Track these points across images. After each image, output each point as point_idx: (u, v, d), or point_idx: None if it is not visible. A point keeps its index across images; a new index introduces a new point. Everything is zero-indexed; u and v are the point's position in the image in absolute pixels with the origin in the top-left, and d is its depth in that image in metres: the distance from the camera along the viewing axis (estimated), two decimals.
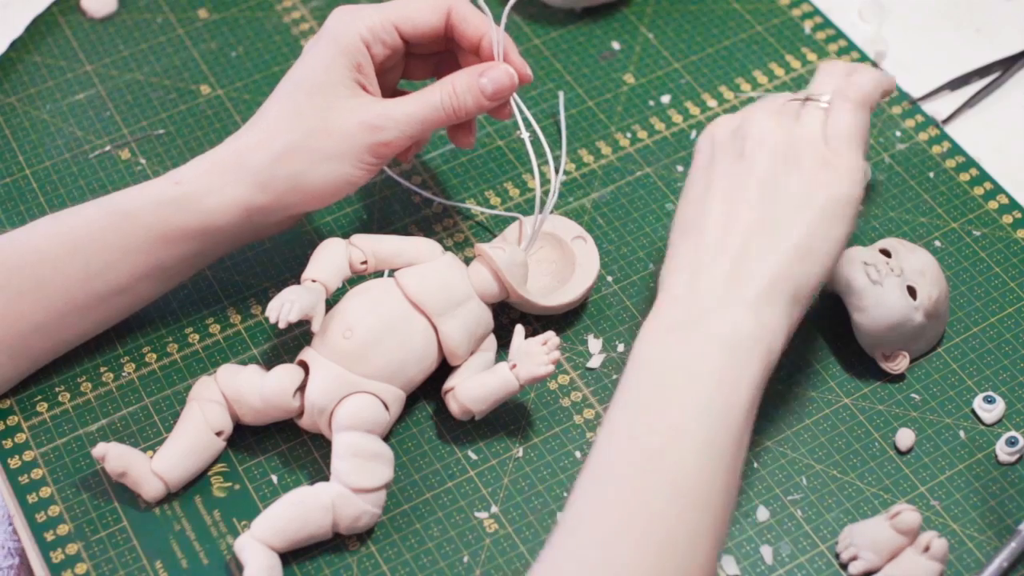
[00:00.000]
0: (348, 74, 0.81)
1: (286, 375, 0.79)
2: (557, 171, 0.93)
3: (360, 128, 0.80)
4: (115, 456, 0.78)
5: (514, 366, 0.79)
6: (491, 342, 0.83)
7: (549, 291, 0.85)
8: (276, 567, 0.75)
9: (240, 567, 0.76)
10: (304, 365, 0.80)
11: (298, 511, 0.76)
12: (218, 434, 0.80)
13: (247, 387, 0.79)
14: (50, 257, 0.80)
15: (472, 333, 0.81)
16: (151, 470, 0.79)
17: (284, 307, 0.77)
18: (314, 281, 0.80)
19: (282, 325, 0.77)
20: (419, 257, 0.82)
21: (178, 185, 0.81)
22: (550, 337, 0.79)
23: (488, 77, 0.82)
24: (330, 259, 0.81)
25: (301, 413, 0.79)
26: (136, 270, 0.81)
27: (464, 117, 0.82)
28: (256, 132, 0.82)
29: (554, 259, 0.87)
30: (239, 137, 0.82)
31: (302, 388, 0.79)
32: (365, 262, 0.82)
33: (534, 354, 0.79)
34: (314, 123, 0.80)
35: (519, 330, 0.81)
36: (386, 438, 0.80)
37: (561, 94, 0.97)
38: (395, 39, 0.83)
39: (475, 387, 0.79)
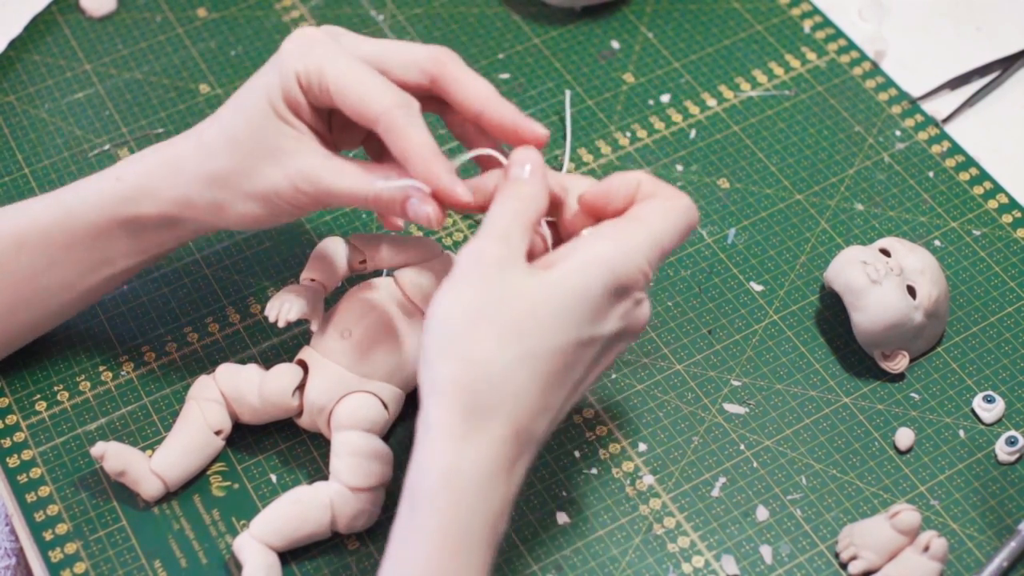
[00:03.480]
0: (283, 103, 0.74)
1: (285, 374, 0.79)
2: (560, 170, 0.92)
3: (284, 182, 0.74)
4: (114, 455, 0.78)
5: None
6: None
7: None
8: (275, 566, 0.75)
9: (239, 566, 0.76)
10: (303, 364, 0.80)
11: (297, 510, 0.76)
12: (217, 433, 0.80)
13: (246, 386, 0.79)
14: None
15: None
16: (150, 469, 0.79)
17: (284, 306, 0.77)
18: (313, 280, 0.80)
19: (281, 324, 0.77)
20: (418, 256, 0.82)
21: (119, 181, 0.78)
22: None
23: (413, 207, 0.72)
24: (329, 258, 0.81)
25: (300, 412, 0.79)
26: (81, 266, 0.80)
27: (384, 218, 0.79)
28: (200, 143, 0.77)
29: None
30: (188, 138, 0.78)
31: (301, 387, 0.79)
32: (364, 261, 0.82)
33: None
34: (244, 160, 0.75)
35: None
36: (385, 437, 0.80)
37: (568, 93, 0.97)
38: (324, 97, 0.74)
39: None
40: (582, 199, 0.72)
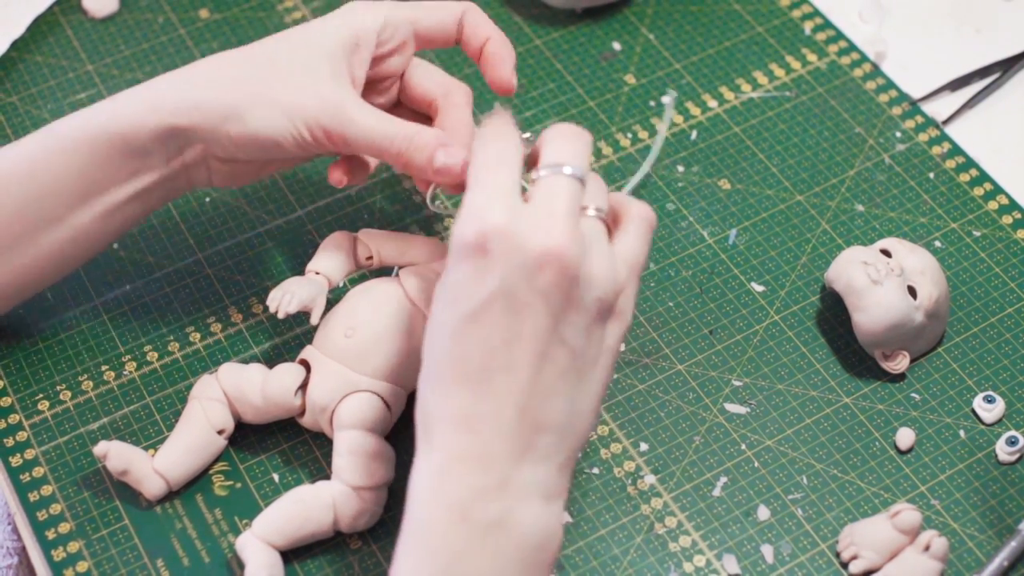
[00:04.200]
0: (344, 55, 0.79)
1: (288, 374, 0.79)
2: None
3: (316, 105, 0.77)
4: (116, 454, 0.78)
5: None
6: None
7: None
8: (277, 565, 0.76)
9: (241, 565, 0.76)
10: (306, 364, 0.80)
11: (299, 509, 0.76)
12: (220, 432, 0.80)
13: (249, 385, 0.79)
14: None
15: None
16: (153, 468, 0.79)
17: (285, 297, 0.77)
18: (317, 274, 0.80)
19: (281, 315, 0.77)
20: (425, 256, 0.82)
21: (111, 102, 0.79)
22: None
23: (447, 153, 0.77)
24: (336, 252, 0.81)
25: (303, 412, 0.79)
26: (70, 197, 0.79)
27: (401, 168, 0.79)
28: (220, 59, 0.80)
29: None
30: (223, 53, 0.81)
31: (304, 387, 0.79)
32: (370, 258, 0.82)
33: None
34: (284, 72, 0.78)
35: None
36: (388, 437, 0.80)
37: (670, 98, 0.97)
38: (408, 35, 0.82)
39: None
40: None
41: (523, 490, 0.66)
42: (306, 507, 0.76)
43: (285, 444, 0.82)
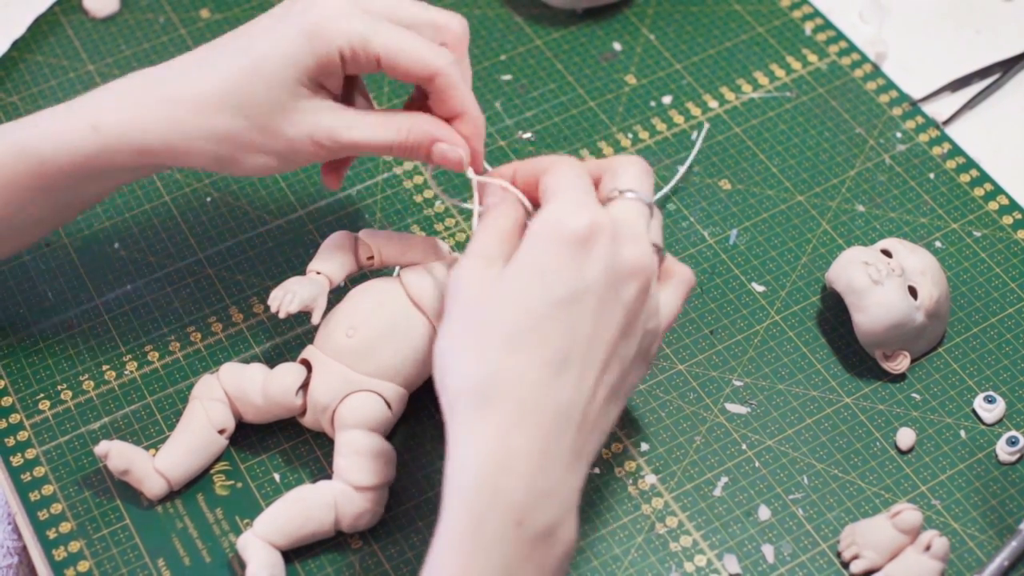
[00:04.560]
0: (313, 73, 0.75)
1: (289, 373, 0.79)
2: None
3: (307, 142, 0.75)
4: (117, 454, 0.78)
5: None
6: None
7: None
8: (278, 564, 0.76)
9: (243, 565, 0.76)
10: (306, 363, 0.80)
11: (300, 509, 0.76)
12: (221, 432, 0.80)
13: (250, 385, 0.79)
14: None
15: None
16: (154, 468, 0.79)
17: (286, 297, 0.77)
18: (318, 273, 0.80)
19: (282, 315, 0.77)
20: (426, 257, 0.82)
21: (97, 132, 0.76)
22: None
23: (445, 148, 0.76)
24: (337, 252, 0.81)
25: (304, 411, 0.80)
26: (56, 206, 0.80)
27: (402, 158, 0.80)
28: (198, 101, 0.75)
29: None
30: (171, 81, 0.76)
31: (304, 386, 0.79)
32: (371, 258, 0.82)
33: None
34: (256, 120, 0.75)
35: None
36: (389, 436, 0.80)
37: (704, 129, 0.96)
38: (370, 65, 0.75)
39: None
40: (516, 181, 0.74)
41: (569, 499, 0.66)
42: (307, 507, 0.76)
43: (286, 444, 0.82)
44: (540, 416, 0.65)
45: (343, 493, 0.76)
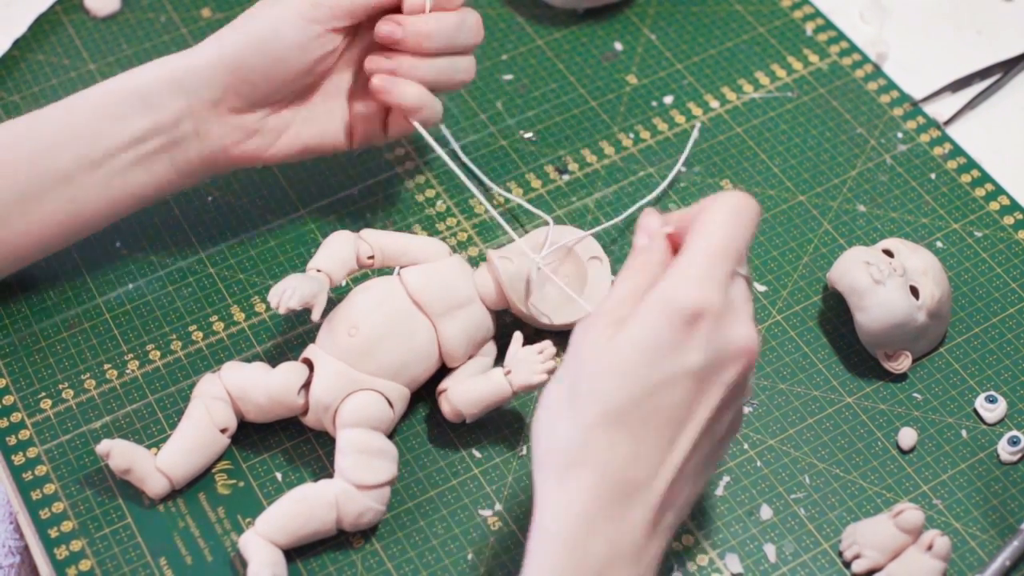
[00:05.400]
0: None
1: (291, 372, 0.79)
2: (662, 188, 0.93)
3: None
4: (119, 453, 0.78)
5: (508, 372, 0.79)
6: (490, 347, 0.83)
7: (556, 307, 0.85)
8: (280, 563, 0.76)
9: (244, 564, 0.76)
10: (308, 363, 0.80)
11: (302, 507, 0.76)
12: (223, 431, 0.80)
13: (252, 384, 0.79)
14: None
15: (471, 337, 0.81)
16: (155, 467, 0.79)
17: (285, 293, 0.77)
18: (319, 271, 0.80)
19: (282, 311, 0.77)
20: (426, 256, 0.82)
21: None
22: (546, 347, 0.79)
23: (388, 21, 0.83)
24: (338, 251, 0.81)
25: (306, 411, 0.80)
26: (77, 154, 0.82)
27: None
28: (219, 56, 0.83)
29: (569, 275, 0.87)
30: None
31: (306, 385, 0.79)
32: (372, 257, 0.82)
33: (529, 362, 0.79)
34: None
35: (517, 337, 0.81)
36: (390, 436, 0.80)
37: (696, 128, 0.96)
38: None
39: (468, 390, 0.80)
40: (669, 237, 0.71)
41: (649, 566, 0.67)
42: (309, 505, 0.76)
43: (288, 443, 0.82)
44: (621, 488, 0.65)
45: (345, 492, 0.76)
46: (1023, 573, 0.78)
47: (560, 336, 0.81)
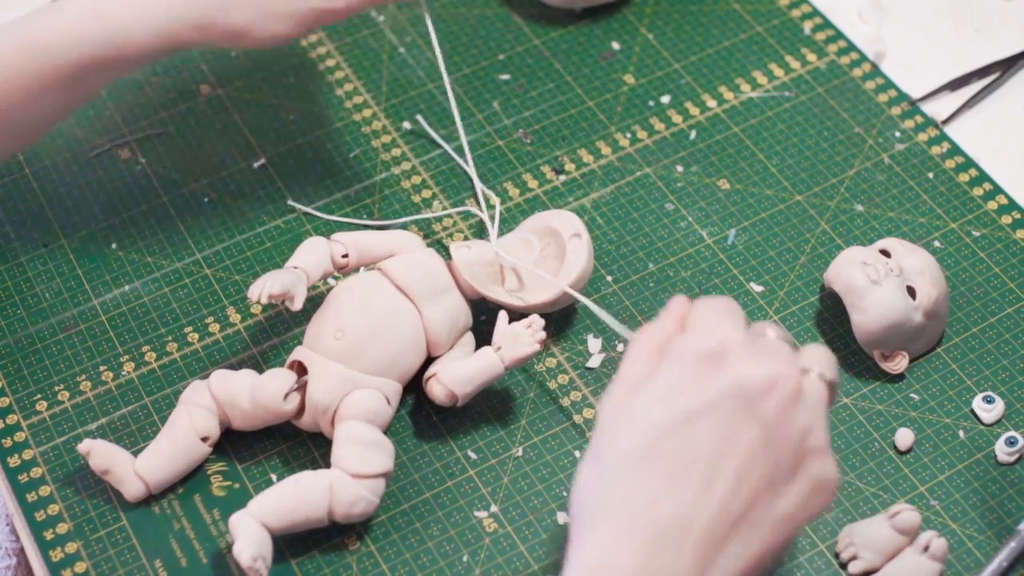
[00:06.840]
0: None
1: (276, 379, 0.79)
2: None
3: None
4: (98, 453, 0.78)
5: (499, 348, 0.79)
6: (469, 338, 0.83)
7: (532, 289, 0.84)
8: (266, 543, 0.75)
9: (240, 566, 0.76)
10: (298, 365, 0.80)
11: (296, 490, 0.76)
12: (204, 439, 0.80)
13: (239, 391, 0.80)
14: None
15: (454, 322, 0.81)
16: (134, 470, 0.79)
17: (266, 283, 0.78)
18: (296, 268, 0.80)
19: (264, 300, 0.77)
20: (401, 248, 0.83)
21: (100, 20, 0.80)
22: (534, 320, 0.80)
23: None
24: (312, 251, 0.82)
25: (298, 415, 0.80)
26: (57, 105, 0.82)
27: None
28: None
29: (554, 256, 0.87)
30: None
31: (299, 389, 0.79)
32: (346, 255, 0.82)
33: (519, 335, 0.79)
34: None
35: (503, 315, 0.81)
36: (386, 435, 0.80)
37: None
38: None
39: (460, 368, 0.80)
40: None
41: None
42: (302, 489, 0.76)
43: (283, 445, 0.82)
44: (648, 529, 0.63)
45: (339, 479, 0.76)
46: (1021, 574, 0.77)
47: (552, 321, 0.80)
